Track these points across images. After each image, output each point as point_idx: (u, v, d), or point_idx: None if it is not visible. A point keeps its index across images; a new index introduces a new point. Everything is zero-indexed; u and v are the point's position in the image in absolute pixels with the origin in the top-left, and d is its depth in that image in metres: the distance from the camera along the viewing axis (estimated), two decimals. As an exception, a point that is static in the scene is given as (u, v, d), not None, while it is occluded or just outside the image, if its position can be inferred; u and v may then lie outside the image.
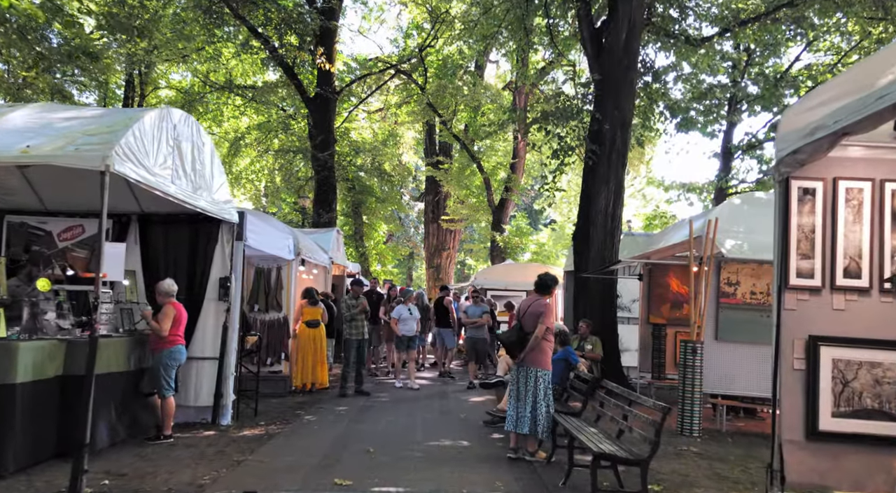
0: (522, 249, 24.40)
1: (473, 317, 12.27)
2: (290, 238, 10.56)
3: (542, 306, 6.70)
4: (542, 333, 6.56)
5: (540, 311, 6.63)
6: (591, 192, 11.78)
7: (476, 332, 12.29)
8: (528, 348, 6.55)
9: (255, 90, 24.15)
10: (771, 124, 18.15)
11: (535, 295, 6.87)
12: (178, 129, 6.48)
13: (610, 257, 11.79)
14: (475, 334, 12.30)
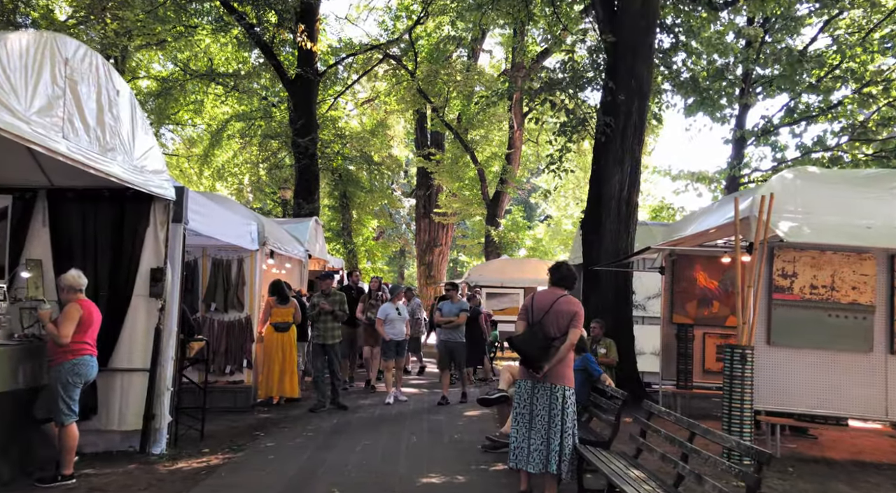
0: (518, 244, 22.67)
1: (449, 315, 9.86)
2: (254, 225, 8.82)
3: (574, 304, 5.06)
4: (576, 339, 4.91)
5: (573, 311, 4.98)
6: (603, 173, 10.09)
7: (451, 334, 9.87)
8: (555, 359, 4.87)
9: (237, 78, 22.42)
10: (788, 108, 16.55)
11: (556, 290, 5.18)
12: (72, 65, 4.74)
13: (625, 247, 10.11)
14: (450, 337, 9.87)
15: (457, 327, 9.72)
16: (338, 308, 8.79)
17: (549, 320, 5.03)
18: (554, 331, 5.00)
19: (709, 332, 9.22)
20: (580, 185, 24.78)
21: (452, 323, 9.66)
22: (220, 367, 8.76)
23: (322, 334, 8.81)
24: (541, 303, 5.15)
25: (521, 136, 22.68)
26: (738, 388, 6.43)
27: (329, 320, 8.75)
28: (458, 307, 9.81)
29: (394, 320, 9.38)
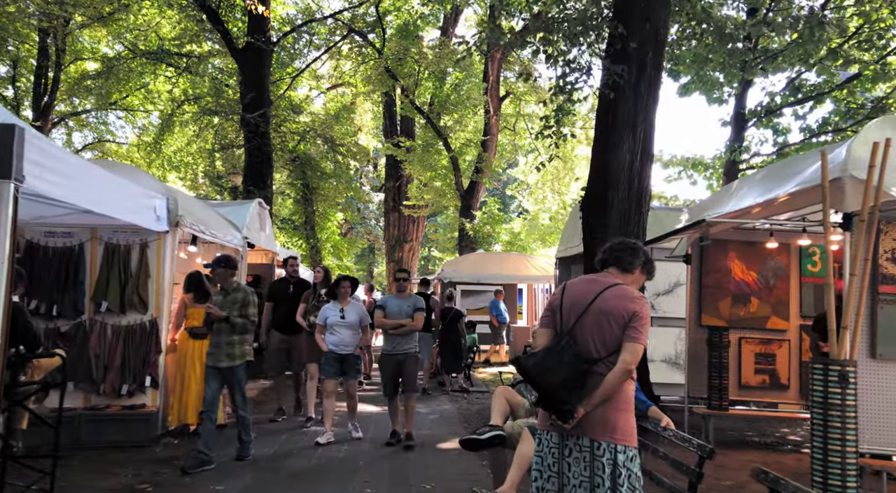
0: (495, 238, 20.53)
1: (396, 316, 6.62)
2: (160, 199, 6.50)
3: (633, 298, 2.97)
4: (636, 361, 2.78)
5: (630, 310, 2.91)
6: (610, 139, 7.96)
7: (399, 343, 6.65)
8: (597, 396, 2.74)
9: (189, 57, 19.93)
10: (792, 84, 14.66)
11: (602, 276, 3.06)
12: None
13: (636, 231, 7.98)
14: (397, 347, 6.64)
15: (408, 335, 6.66)
16: (236, 313, 5.67)
17: (588, 328, 2.90)
18: (596, 346, 2.87)
19: (746, 336, 7.17)
20: (559, 176, 22.77)
21: (403, 329, 6.56)
22: (112, 387, 6.42)
23: (214, 351, 5.74)
24: (576, 297, 2.99)
25: (497, 122, 20.56)
26: (838, 421, 4.34)
27: (225, 330, 5.72)
28: (411, 305, 6.67)
29: (335, 325, 6.58)
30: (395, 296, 6.82)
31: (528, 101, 21.72)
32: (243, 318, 5.71)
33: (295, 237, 24.91)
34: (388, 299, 6.85)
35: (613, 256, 3.12)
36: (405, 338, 6.68)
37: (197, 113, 21.07)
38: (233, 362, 5.76)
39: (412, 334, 6.74)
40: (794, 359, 7.07)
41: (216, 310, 5.66)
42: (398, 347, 6.66)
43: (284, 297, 7.88)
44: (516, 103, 22.19)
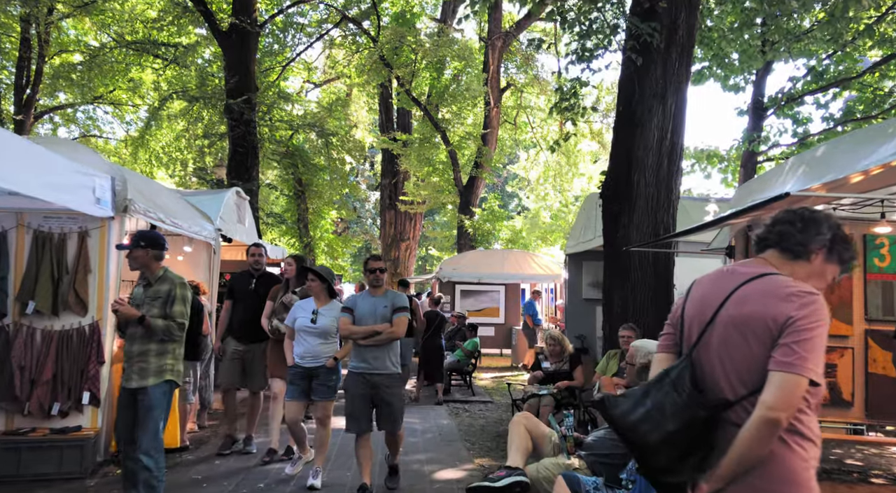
0: (495, 236, 19.34)
1: (369, 320, 4.80)
2: (103, 180, 5.31)
3: (788, 297, 1.71)
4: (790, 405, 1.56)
5: (784, 315, 1.69)
6: (637, 114, 6.79)
7: (373, 360, 4.79)
8: (731, 460, 1.55)
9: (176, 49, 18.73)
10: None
11: (750, 266, 1.84)
12: None
13: (666, 220, 6.83)
14: (370, 366, 4.79)
15: (386, 347, 4.78)
16: (156, 311, 4.07)
17: (713, 349, 1.72)
18: (728, 379, 1.72)
19: (802, 343, 5.95)
20: (561, 171, 21.60)
21: (378, 338, 4.69)
22: (40, 406, 5.20)
23: (125, 366, 4.14)
24: (703, 300, 1.83)
25: (497, 115, 19.37)
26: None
27: (139, 337, 4.07)
28: (389, 304, 4.80)
29: (304, 330, 5.00)
30: (367, 293, 4.89)
31: (531, 93, 20.55)
32: (166, 319, 4.05)
33: (287, 235, 23.70)
34: (359, 297, 4.91)
35: (775, 232, 1.91)
36: (383, 352, 4.73)
37: (186, 107, 19.86)
38: (144, 382, 3.96)
39: (392, 345, 4.81)
40: (858, 370, 5.89)
41: (126, 307, 3.98)
42: (373, 364, 4.71)
43: (245, 294, 6.13)
44: (517, 96, 21.01)
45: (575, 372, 6.76)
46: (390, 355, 4.83)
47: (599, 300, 10.13)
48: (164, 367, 4.08)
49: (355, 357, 4.83)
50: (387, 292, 4.90)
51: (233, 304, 6.21)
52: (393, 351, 4.86)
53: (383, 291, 4.92)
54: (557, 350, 6.80)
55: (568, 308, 10.31)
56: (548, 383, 6.70)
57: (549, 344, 6.82)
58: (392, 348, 4.85)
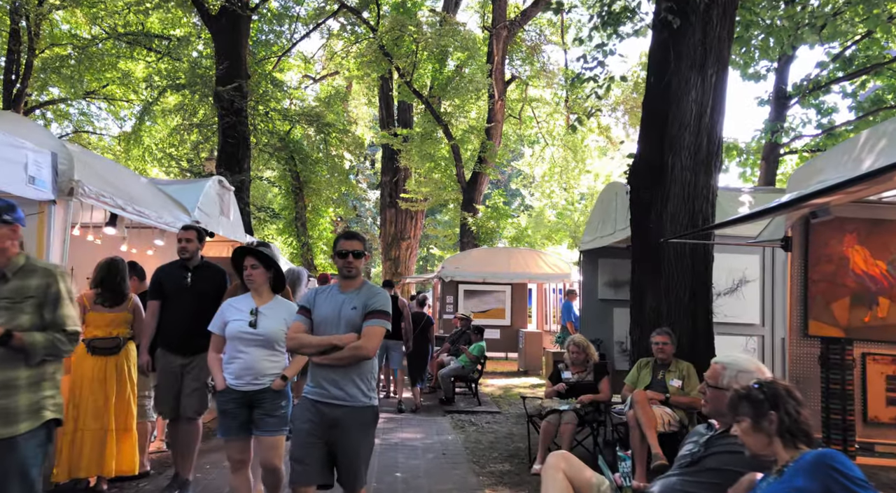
0: (499, 234, 18.39)
1: (331, 326, 3.25)
2: (41, 156, 4.37)
3: None
4: None
5: None
6: (672, 87, 5.83)
7: (332, 385, 3.21)
8: None
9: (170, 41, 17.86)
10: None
11: None
12: None
13: (705, 208, 5.87)
14: (328, 393, 3.21)
15: (352, 369, 3.22)
16: (26, 319, 2.67)
17: None
18: None
19: (873, 352, 4.99)
20: (567, 167, 20.63)
21: (334, 356, 3.15)
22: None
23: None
24: None
25: (502, 108, 18.42)
26: None
27: (4, 360, 2.61)
28: (360, 304, 3.25)
29: (240, 338, 3.57)
30: (335, 288, 3.34)
31: (536, 86, 19.60)
32: (48, 330, 2.73)
33: (284, 234, 22.77)
34: (322, 292, 3.36)
35: None
36: (346, 375, 3.19)
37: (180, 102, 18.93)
38: (13, 428, 2.57)
39: (363, 366, 3.23)
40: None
41: None
42: (330, 391, 3.19)
43: (178, 292, 4.64)
44: (522, 89, 20.07)
45: (601, 384, 5.80)
46: (359, 378, 3.20)
47: (617, 301, 9.23)
48: (41, 403, 2.70)
49: (309, 377, 3.30)
50: (362, 288, 3.28)
51: (162, 305, 4.70)
52: (363, 373, 3.22)
53: (358, 285, 3.30)
54: (581, 358, 5.83)
55: (582, 310, 9.35)
56: (569, 396, 5.73)
57: (571, 351, 5.86)
58: (362, 369, 3.22)
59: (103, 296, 4.74)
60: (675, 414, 5.22)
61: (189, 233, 4.87)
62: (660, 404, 5.25)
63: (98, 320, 4.73)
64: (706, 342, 5.85)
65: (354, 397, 3.19)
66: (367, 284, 3.33)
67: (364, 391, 3.22)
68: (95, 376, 4.65)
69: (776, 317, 7.11)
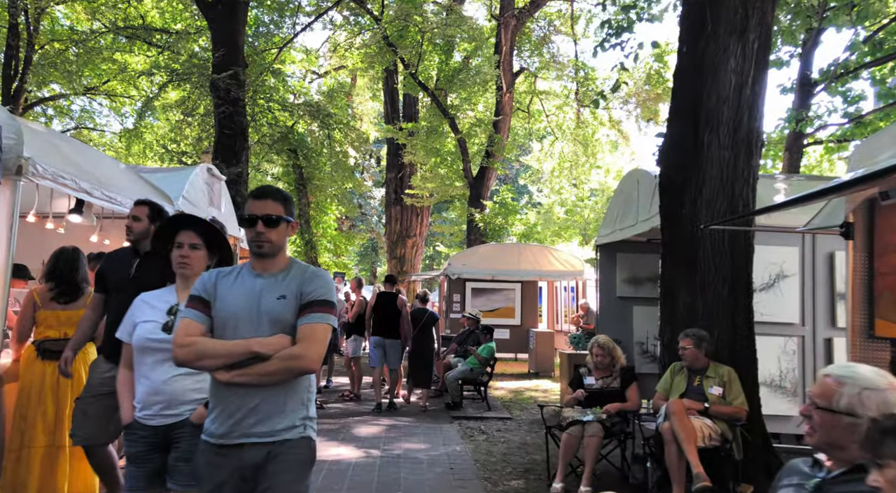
0: (508, 230, 17.69)
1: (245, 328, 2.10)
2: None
3: None
4: None
5: None
6: (707, 55, 5.13)
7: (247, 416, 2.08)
8: None
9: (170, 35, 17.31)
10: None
11: None
12: None
13: (745, 192, 5.17)
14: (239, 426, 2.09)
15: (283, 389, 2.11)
16: None
17: None
18: None
19: (950, 355, 4.26)
20: (578, 163, 19.91)
21: (250, 373, 2.02)
22: None
23: None
24: None
25: (510, 100, 17.70)
26: None
27: None
28: (293, 292, 2.14)
29: (150, 349, 2.53)
30: (243, 269, 2.23)
31: (545, 78, 18.89)
32: None
33: (288, 233, 22.13)
34: (224, 275, 2.20)
35: None
36: (277, 396, 2.11)
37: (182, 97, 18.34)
38: None
39: (300, 382, 2.16)
40: None
41: None
42: (250, 423, 2.08)
43: (120, 284, 3.43)
44: (531, 81, 19.35)
45: (628, 391, 5.09)
46: (292, 402, 2.15)
47: (637, 299, 8.50)
48: None
49: (210, 407, 2.17)
50: (290, 270, 2.21)
51: (105, 301, 3.62)
52: (298, 393, 2.17)
53: (283, 266, 2.22)
54: (606, 362, 5.13)
55: (600, 309, 8.63)
56: (593, 405, 5.03)
57: (595, 354, 5.15)
58: (296, 388, 2.16)
59: (56, 291, 4.08)
60: (716, 426, 4.52)
61: (140, 209, 3.57)
62: (698, 415, 4.55)
63: (50, 319, 4.07)
64: (747, 344, 5.15)
65: (286, 430, 2.11)
66: (297, 263, 2.24)
67: (299, 419, 2.14)
68: (47, 383, 3.99)
69: (818, 315, 6.39)
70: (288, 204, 2.22)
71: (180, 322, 2.12)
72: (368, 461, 5.61)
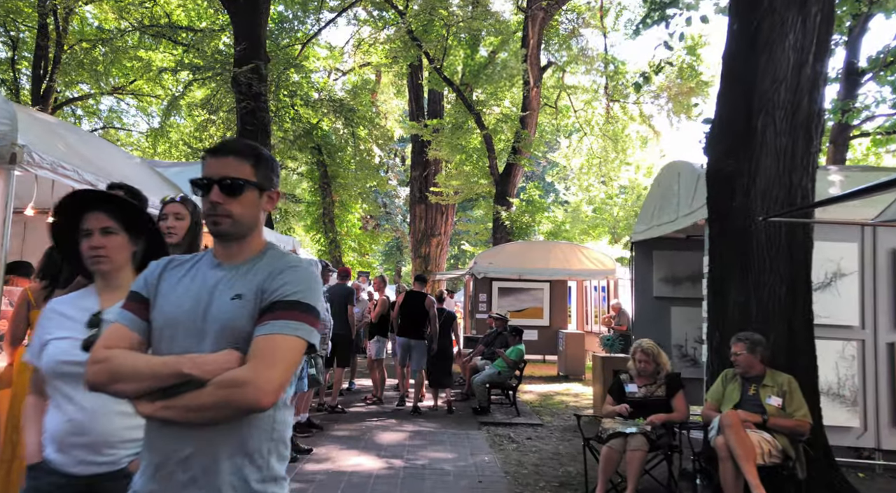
0: (535, 228, 17.20)
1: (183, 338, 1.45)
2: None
3: None
4: None
5: None
6: (762, 31, 4.64)
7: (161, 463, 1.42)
8: None
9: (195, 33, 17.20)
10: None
11: None
12: None
13: (804, 181, 4.67)
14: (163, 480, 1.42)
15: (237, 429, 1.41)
16: None
17: None
18: None
19: None
20: (607, 159, 19.34)
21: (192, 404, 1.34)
22: None
23: None
24: None
25: (538, 95, 17.21)
26: None
27: None
28: (252, 288, 1.46)
29: (68, 374, 1.82)
30: (203, 259, 1.58)
31: (574, 72, 18.36)
32: None
33: (312, 230, 21.92)
34: (174, 266, 1.57)
35: None
36: (220, 444, 1.40)
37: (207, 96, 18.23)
38: None
39: (260, 426, 1.44)
40: None
41: None
42: (175, 481, 1.40)
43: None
44: (558, 76, 18.84)
45: (674, 400, 4.63)
46: (247, 456, 1.43)
47: (676, 299, 8.00)
48: None
49: (143, 461, 1.48)
50: (262, 257, 1.55)
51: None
52: (258, 443, 1.45)
53: (255, 251, 1.56)
54: (651, 369, 4.66)
55: (635, 310, 8.15)
56: (636, 415, 4.57)
57: (638, 360, 4.69)
58: (256, 433, 1.44)
59: (51, 289, 3.75)
60: (776, 442, 4.04)
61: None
62: (755, 429, 4.08)
63: (48, 319, 3.74)
64: (806, 349, 4.65)
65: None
66: (275, 250, 1.59)
67: (255, 481, 1.43)
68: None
69: (879, 317, 5.85)
70: (262, 164, 1.54)
71: (106, 329, 1.55)
72: (391, 473, 5.22)
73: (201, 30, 17.65)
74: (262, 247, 1.57)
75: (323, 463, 5.43)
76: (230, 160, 1.51)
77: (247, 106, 11.33)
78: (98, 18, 20.42)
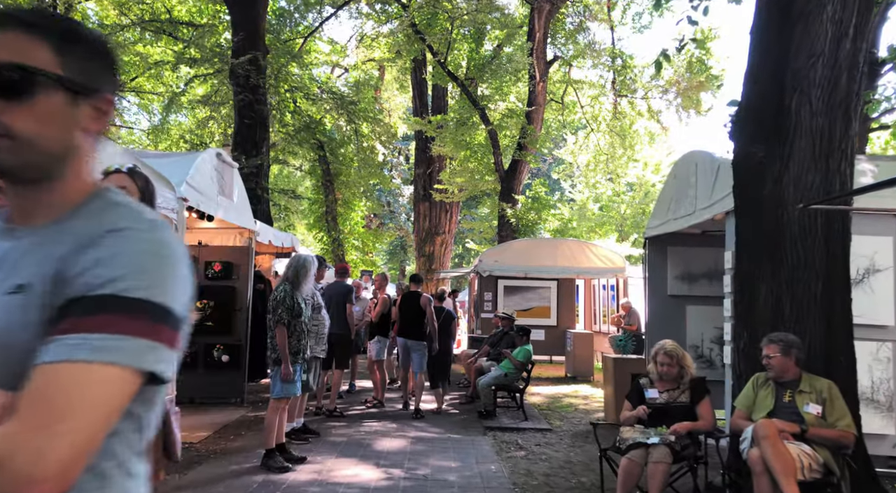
0: (541, 226, 16.77)
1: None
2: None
3: None
4: None
5: None
6: (798, 5, 4.22)
7: None
8: None
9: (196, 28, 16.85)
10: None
11: None
12: None
13: (842, 167, 4.25)
14: None
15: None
16: None
17: None
18: None
19: None
20: (615, 156, 18.89)
21: None
22: None
23: None
24: None
25: (544, 90, 16.77)
26: None
27: None
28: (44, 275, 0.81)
29: None
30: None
31: (580, 66, 17.93)
32: None
33: (315, 229, 21.55)
34: None
35: None
36: None
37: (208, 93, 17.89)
38: None
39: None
40: None
41: None
42: None
43: None
44: (565, 70, 18.41)
45: (699, 407, 4.21)
46: None
47: (692, 297, 7.57)
48: None
49: None
50: (77, 214, 0.88)
51: None
52: None
53: (72, 203, 0.89)
54: (674, 373, 4.24)
55: (649, 308, 7.73)
56: (657, 423, 4.15)
57: (659, 363, 4.27)
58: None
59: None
60: (816, 455, 3.62)
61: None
62: (793, 440, 3.66)
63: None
64: (845, 351, 4.23)
65: None
66: (101, 198, 0.91)
67: None
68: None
69: (917, 317, 5.41)
70: (73, 45, 0.87)
71: None
72: (390, 485, 4.82)
73: (202, 26, 17.31)
74: (82, 197, 0.90)
75: (316, 474, 5.03)
76: (9, 37, 0.83)
77: (244, 99, 10.95)
78: (99, 15, 20.12)
